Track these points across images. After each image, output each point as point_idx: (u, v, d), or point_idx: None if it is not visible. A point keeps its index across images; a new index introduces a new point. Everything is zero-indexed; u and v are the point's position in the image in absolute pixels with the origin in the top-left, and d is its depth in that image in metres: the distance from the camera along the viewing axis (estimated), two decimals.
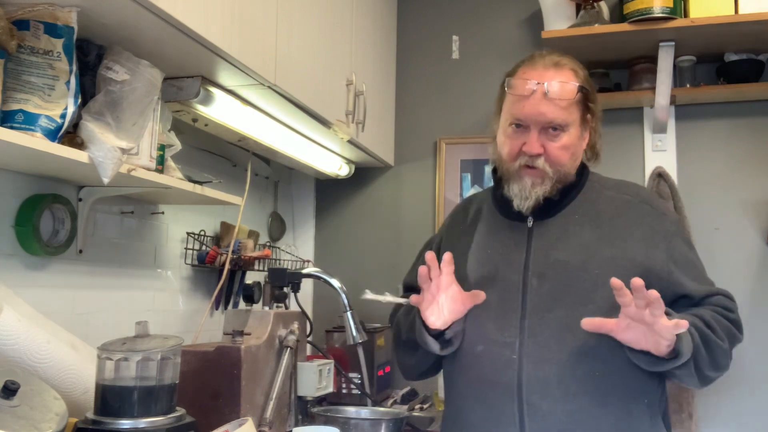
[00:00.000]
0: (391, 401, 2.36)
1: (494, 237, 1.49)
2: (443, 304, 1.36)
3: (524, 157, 1.40)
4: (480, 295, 1.37)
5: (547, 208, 1.44)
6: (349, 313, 1.76)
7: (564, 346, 1.34)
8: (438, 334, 1.41)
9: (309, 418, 1.63)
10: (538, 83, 1.37)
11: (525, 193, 1.41)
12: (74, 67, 1.29)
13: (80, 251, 1.64)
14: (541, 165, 1.39)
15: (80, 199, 1.62)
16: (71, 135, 1.34)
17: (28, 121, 1.23)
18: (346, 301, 1.76)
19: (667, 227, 1.43)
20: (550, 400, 1.33)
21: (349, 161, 2.71)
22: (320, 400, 1.76)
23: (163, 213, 1.97)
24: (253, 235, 2.37)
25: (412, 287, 1.59)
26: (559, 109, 1.37)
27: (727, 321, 1.36)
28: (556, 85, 1.37)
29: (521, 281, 1.40)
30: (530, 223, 1.45)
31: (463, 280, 1.42)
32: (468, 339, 1.43)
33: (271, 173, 2.65)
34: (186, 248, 2.08)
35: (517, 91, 1.39)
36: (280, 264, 2.56)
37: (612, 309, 1.27)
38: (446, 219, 1.70)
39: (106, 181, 1.34)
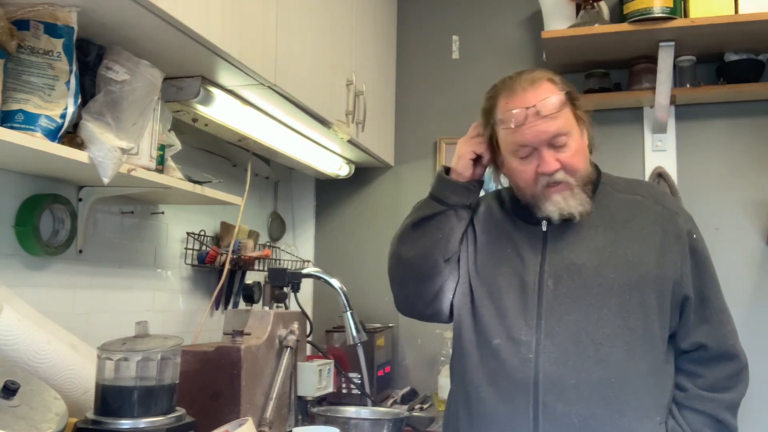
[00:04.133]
0: (391, 401, 2.36)
1: (509, 238, 1.49)
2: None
3: (544, 177, 1.39)
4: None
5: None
6: (349, 313, 1.76)
7: (581, 350, 1.35)
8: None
9: (309, 418, 1.63)
10: (527, 108, 1.37)
11: (564, 211, 1.40)
12: (74, 67, 1.29)
13: (80, 251, 1.64)
14: (563, 178, 1.39)
15: (80, 199, 1.62)
16: (71, 135, 1.34)
17: (28, 121, 1.23)
18: (346, 301, 1.76)
19: (680, 227, 1.43)
20: (565, 403, 1.33)
21: (349, 161, 2.71)
22: (320, 400, 1.76)
23: (163, 213, 1.97)
24: (253, 235, 2.37)
25: None
26: (556, 121, 1.37)
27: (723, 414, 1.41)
28: (544, 102, 1.37)
29: (537, 282, 1.41)
30: (545, 227, 1.45)
31: (478, 274, 1.48)
32: (485, 332, 1.44)
33: (271, 173, 2.65)
34: (186, 248, 2.08)
35: (511, 123, 1.38)
36: (280, 264, 2.56)
37: (625, 313, 1.35)
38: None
39: (106, 181, 1.34)
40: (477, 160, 1.50)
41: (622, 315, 1.36)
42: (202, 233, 2.13)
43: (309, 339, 1.82)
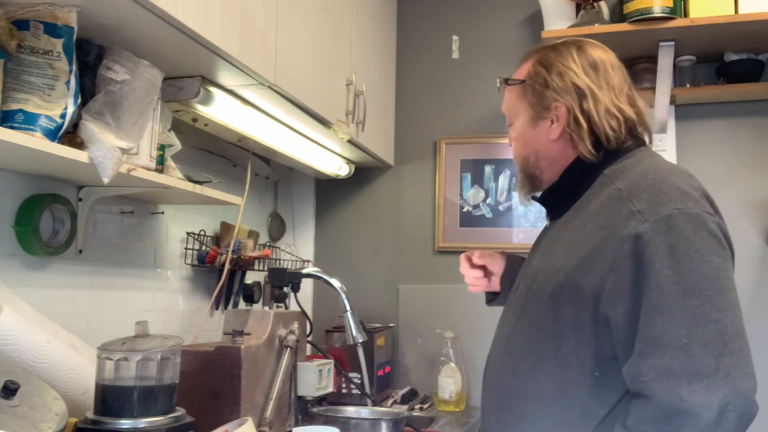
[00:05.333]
0: (391, 401, 2.36)
1: (537, 238, 1.46)
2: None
3: None
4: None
5: (554, 209, 1.37)
6: (349, 313, 1.76)
7: (504, 357, 1.32)
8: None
9: (309, 418, 1.63)
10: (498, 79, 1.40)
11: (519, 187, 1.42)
12: (74, 67, 1.29)
13: (80, 251, 1.64)
14: (513, 156, 1.41)
15: (80, 199, 1.62)
16: (71, 135, 1.34)
17: (28, 121, 1.23)
18: (346, 301, 1.76)
19: (629, 230, 1.11)
20: (489, 406, 1.35)
21: (349, 161, 2.71)
22: (320, 400, 1.76)
23: (163, 213, 1.97)
24: (253, 235, 2.37)
25: None
26: (505, 103, 1.39)
27: None
28: (500, 81, 1.39)
29: (517, 286, 1.38)
30: (548, 224, 1.41)
31: None
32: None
33: (271, 173, 2.65)
34: (186, 248, 2.08)
35: None
36: (280, 264, 2.56)
37: (540, 325, 1.23)
38: None
39: (106, 181, 1.34)
40: (486, 273, 1.57)
41: (536, 326, 1.23)
42: (202, 233, 2.13)
43: (309, 339, 1.82)
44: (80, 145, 1.34)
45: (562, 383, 1.19)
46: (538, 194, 1.39)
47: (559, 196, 1.34)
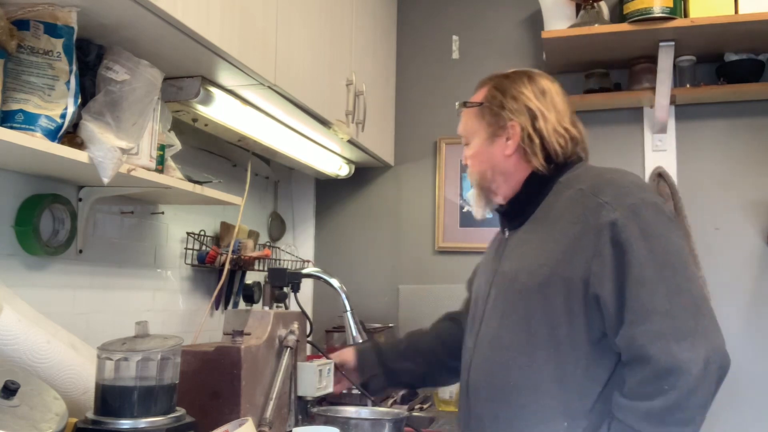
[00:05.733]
0: (391, 401, 2.36)
1: (489, 252, 1.59)
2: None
3: None
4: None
5: (515, 219, 1.48)
6: (349, 313, 1.76)
7: (493, 355, 1.41)
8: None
9: (309, 418, 1.63)
10: (456, 103, 1.57)
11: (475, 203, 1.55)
12: (74, 67, 1.29)
13: (80, 251, 1.64)
14: (468, 174, 1.54)
15: (80, 199, 1.62)
16: (71, 135, 1.34)
17: (28, 121, 1.23)
18: (346, 301, 1.76)
19: (603, 219, 1.27)
20: (480, 404, 1.43)
21: (349, 161, 2.71)
22: (320, 400, 1.76)
23: (163, 213, 1.97)
24: (253, 235, 2.37)
25: (468, 288, 1.75)
26: (461, 123, 1.55)
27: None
28: (459, 104, 1.56)
29: (487, 292, 1.48)
30: (506, 234, 1.51)
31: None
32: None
33: (271, 173, 2.65)
34: (186, 248, 2.08)
35: None
36: (280, 264, 2.56)
37: (530, 318, 1.34)
38: None
39: (106, 181, 1.34)
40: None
41: (526, 320, 1.34)
42: (202, 233, 2.13)
43: (309, 339, 1.81)
44: (80, 145, 1.34)
45: (559, 369, 1.31)
46: (498, 206, 1.52)
47: (521, 206, 1.46)
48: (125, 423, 1.16)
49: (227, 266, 2.09)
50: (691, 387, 1.17)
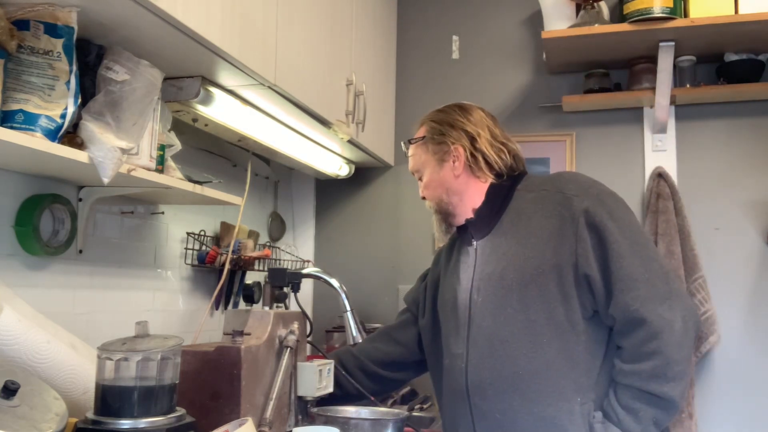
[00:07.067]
0: (391, 401, 2.36)
1: (455, 263, 1.65)
2: None
3: None
4: None
5: (484, 228, 1.57)
6: (349, 313, 1.76)
7: (493, 351, 1.49)
8: None
9: (309, 418, 1.63)
10: (402, 142, 1.74)
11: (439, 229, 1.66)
12: (74, 67, 1.29)
13: (80, 251, 1.64)
14: (428, 206, 1.66)
15: (80, 199, 1.62)
16: (71, 135, 1.34)
17: (28, 121, 1.23)
18: (346, 301, 1.76)
19: (575, 209, 1.45)
20: (488, 401, 1.49)
21: (349, 161, 2.71)
22: (320, 400, 1.76)
23: (163, 213, 1.97)
24: (253, 235, 2.37)
25: (411, 304, 1.87)
26: (412, 160, 1.68)
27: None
28: (405, 143, 1.72)
29: (468, 299, 1.56)
30: (474, 244, 1.59)
31: (439, 307, 1.69)
32: (440, 354, 1.67)
33: (271, 173, 2.65)
34: (186, 248, 2.08)
35: None
36: (280, 264, 2.56)
37: (526, 308, 1.45)
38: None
39: (106, 181, 1.34)
40: None
41: (523, 310, 1.46)
42: (202, 233, 2.13)
43: (309, 339, 1.81)
44: (80, 145, 1.33)
45: (564, 348, 1.44)
46: (467, 220, 1.59)
47: (488, 216, 1.57)
48: (125, 423, 1.16)
49: (227, 266, 2.09)
50: (678, 342, 1.36)
